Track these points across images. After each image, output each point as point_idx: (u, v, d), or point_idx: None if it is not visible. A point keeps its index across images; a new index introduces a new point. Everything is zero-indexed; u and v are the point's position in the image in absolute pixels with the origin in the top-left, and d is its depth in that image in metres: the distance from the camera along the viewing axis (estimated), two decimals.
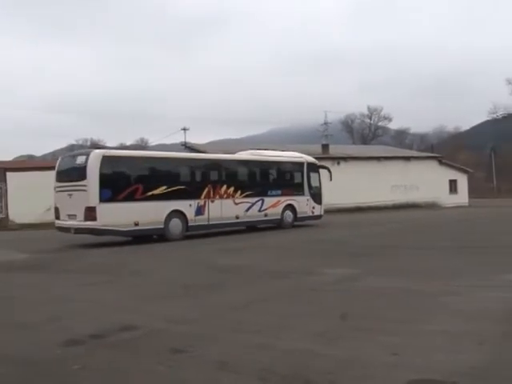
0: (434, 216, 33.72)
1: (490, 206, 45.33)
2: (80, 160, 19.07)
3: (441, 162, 51.11)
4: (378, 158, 47.10)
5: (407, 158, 49.70)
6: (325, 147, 48.56)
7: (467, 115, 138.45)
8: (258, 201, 24.14)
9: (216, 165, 23.40)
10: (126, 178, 19.85)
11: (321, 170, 27.77)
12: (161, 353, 5.62)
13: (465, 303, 7.52)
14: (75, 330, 6.71)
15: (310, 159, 27.78)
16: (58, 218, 19.79)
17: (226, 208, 22.54)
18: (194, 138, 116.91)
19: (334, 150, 48.28)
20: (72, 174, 19.23)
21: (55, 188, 20.02)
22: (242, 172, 24.43)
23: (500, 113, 74.48)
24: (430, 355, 5.19)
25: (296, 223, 25.58)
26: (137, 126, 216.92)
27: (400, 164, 47.49)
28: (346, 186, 39.52)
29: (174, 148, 53.97)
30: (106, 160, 18.87)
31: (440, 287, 8.81)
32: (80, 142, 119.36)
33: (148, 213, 19.60)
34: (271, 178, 25.61)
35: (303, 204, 26.19)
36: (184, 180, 21.60)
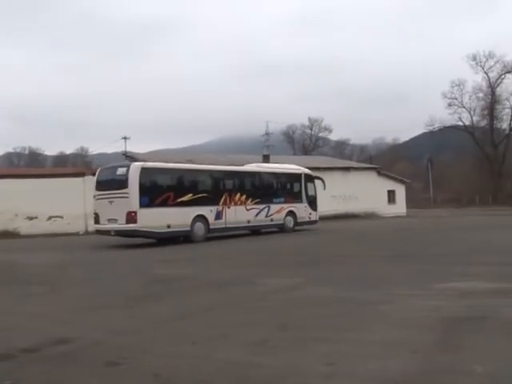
0: (373, 226, 34.30)
1: (427, 216, 46.43)
2: (121, 171, 22.15)
3: (379, 173, 52.03)
4: (318, 169, 47.60)
5: (347, 169, 50.46)
6: (266, 157, 48.83)
7: (405, 127, 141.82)
8: (265, 207, 27.47)
9: (232, 175, 26.99)
10: (161, 186, 23.18)
11: (315, 181, 31.41)
12: (95, 366, 5.51)
13: (401, 312, 7.66)
14: (8, 343, 6.51)
15: (307, 171, 31.38)
16: (97, 222, 22.69)
17: (239, 213, 25.87)
18: (135, 147, 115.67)
19: (275, 160, 48.52)
20: (113, 183, 22.12)
21: (95, 196, 22.86)
22: (253, 182, 27.97)
23: (436, 125, 76.46)
24: (365, 364, 5.26)
25: (296, 228, 28.91)
26: (77, 134, 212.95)
27: (340, 174, 48.11)
28: None
29: (115, 157, 53.32)
30: (144, 171, 22.06)
31: (378, 296, 8.95)
32: (18, 150, 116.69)
33: (178, 217, 22.77)
34: (276, 187, 29.17)
35: (302, 210, 29.65)
36: (206, 188, 25.01)
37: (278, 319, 7.30)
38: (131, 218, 21.23)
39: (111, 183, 22.25)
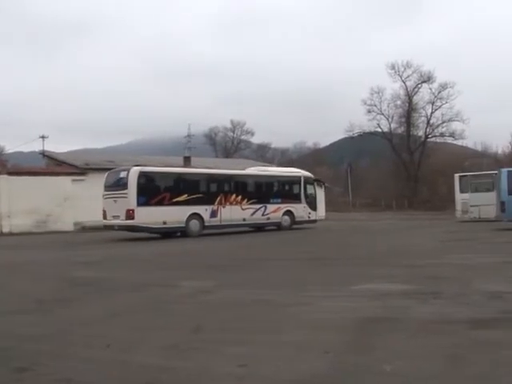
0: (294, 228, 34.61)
1: (345, 219, 47.35)
2: (122, 174, 25.63)
3: None
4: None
5: None
6: (187, 159, 48.62)
7: (326, 132, 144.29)
8: (262, 207, 30.26)
9: (227, 178, 30.03)
10: (157, 188, 26.54)
11: (316, 183, 34.99)
12: (5, 372, 5.31)
13: (316, 313, 7.76)
14: None
15: (307, 174, 34.29)
16: (105, 218, 25.86)
17: (235, 212, 28.76)
18: (54, 147, 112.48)
19: (196, 162, 48.40)
20: (116, 184, 25.56)
21: (103, 196, 25.91)
22: (249, 184, 30.84)
23: (356, 131, 78.10)
24: (277, 365, 5.30)
25: (295, 226, 31.55)
26: None
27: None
28: None
29: (32, 156, 51.78)
30: (141, 174, 25.55)
31: (292, 298, 9.03)
32: None
33: (173, 214, 25.94)
34: (273, 188, 31.94)
35: (300, 210, 32.27)
36: (201, 190, 28.08)
37: (193, 322, 7.24)
38: (129, 215, 24.49)
39: (115, 184, 25.75)
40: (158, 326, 7.20)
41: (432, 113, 76.06)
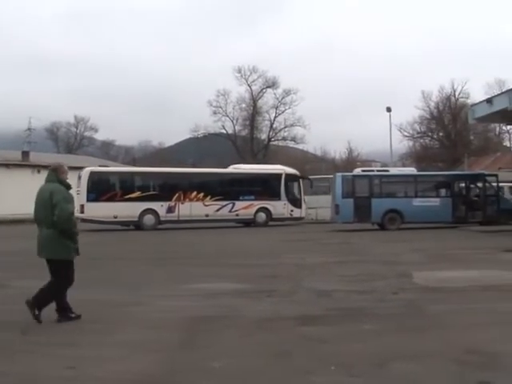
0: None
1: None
2: (80, 173, 28.93)
3: None
4: (80, 168, 46.45)
5: None
6: (25, 154, 46.54)
7: (172, 132, 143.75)
8: (229, 204, 31.31)
9: (186, 176, 32.83)
10: (108, 185, 30.15)
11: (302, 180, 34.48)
12: None
13: (148, 313, 7.77)
14: None
15: (290, 170, 34.21)
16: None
17: (195, 208, 30.39)
18: None
19: (35, 157, 46.45)
20: (78, 182, 27.78)
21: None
22: (214, 181, 32.68)
23: (201, 132, 78.72)
24: (107, 366, 5.26)
25: (272, 223, 31.91)
26: None
27: None
28: None
29: None
30: (92, 174, 29.24)
31: (127, 298, 8.96)
32: None
33: (125, 210, 28.67)
34: (245, 186, 32.66)
35: (279, 207, 32.48)
36: (156, 187, 31.15)
37: (20, 324, 6.94)
38: (81, 209, 27.38)
39: (78, 182, 27.97)
40: None
41: (275, 117, 78.54)
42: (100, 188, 29.58)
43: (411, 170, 35.54)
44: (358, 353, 5.66)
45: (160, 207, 29.93)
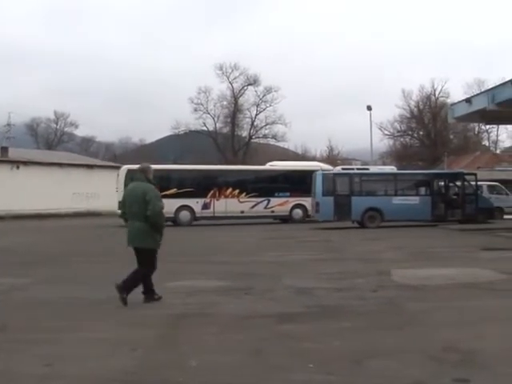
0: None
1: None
2: (119, 171, 30.53)
3: None
4: (60, 165, 46.19)
5: (90, 166, 49.72)
6: (4, 150, 46.09)
7: (153, 128, 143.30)
8: (264, 200, 31.85)
9: (223, 173, 34.13)
10: None
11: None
12: None
13: (128, 310, 7.71)
14: None
15: (325, 167, 33.82)
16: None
17: (230, 205, 30.91)
18: None
19: (14, 153, 46.05)
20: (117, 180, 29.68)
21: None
22: (249, 178, 33.06)
23: (182, 129, 78.51)
24: (85, 363, 5.22)
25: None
26: None
27: (83, 172, 47.27)
28: (27, 191, 38.01)
29: None
30: (129, 172, 27.01)
31: (106, 295, 8.87)
32: None
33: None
34: (281, 183, 33.16)
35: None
36: (192, 184, 31.40)
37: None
38: (119, 205, 26.31)
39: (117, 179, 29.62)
40: None
41: (256, 115, 78.67)
42: None
43: (391, 169, 35.80)
44: (336, 350, 5.67)
45: (195, 204, 30.54)
